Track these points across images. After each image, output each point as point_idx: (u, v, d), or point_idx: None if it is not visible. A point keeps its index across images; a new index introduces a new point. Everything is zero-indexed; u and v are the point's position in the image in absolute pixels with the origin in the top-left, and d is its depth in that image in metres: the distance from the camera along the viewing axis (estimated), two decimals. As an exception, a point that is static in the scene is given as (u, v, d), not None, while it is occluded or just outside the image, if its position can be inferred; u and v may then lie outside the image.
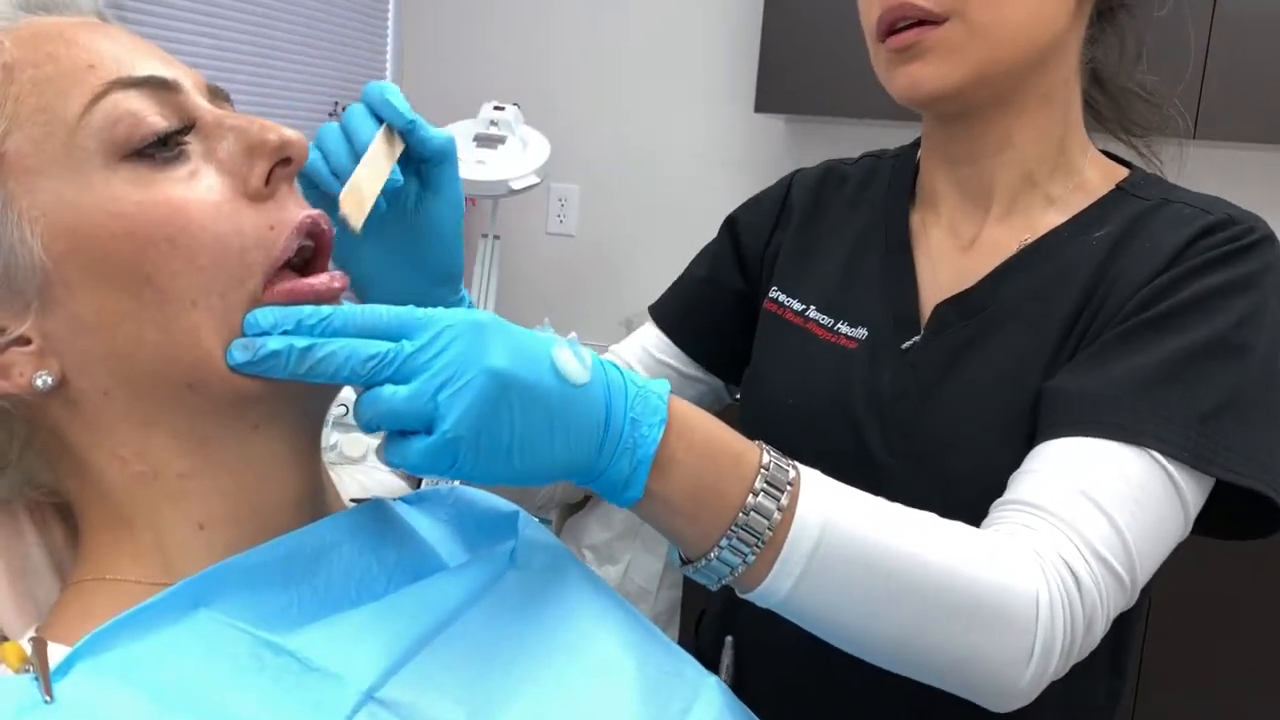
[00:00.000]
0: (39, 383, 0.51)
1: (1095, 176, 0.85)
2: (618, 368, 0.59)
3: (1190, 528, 0.73)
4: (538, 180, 2.32)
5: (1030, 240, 0.83)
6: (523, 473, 0.54)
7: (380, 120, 0.63)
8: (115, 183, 0.51)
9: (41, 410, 0.53)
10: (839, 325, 0.88)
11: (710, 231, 1.08)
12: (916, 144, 0.95)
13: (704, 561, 0.60)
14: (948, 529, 0.66)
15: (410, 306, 0.53)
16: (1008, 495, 0.71)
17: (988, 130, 0.83)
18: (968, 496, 0.73)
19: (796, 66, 2.54)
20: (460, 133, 2.43)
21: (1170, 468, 0.69)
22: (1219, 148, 2.55)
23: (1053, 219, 0.83)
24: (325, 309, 0.52)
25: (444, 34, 3.09)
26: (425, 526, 0.63)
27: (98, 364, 0.52)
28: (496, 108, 2.49)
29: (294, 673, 0.48)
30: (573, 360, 0.55)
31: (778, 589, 0.61)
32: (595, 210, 3.01)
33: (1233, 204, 0.80)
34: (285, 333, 0.51)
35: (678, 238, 1.17)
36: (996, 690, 0.66)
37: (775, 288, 0.95)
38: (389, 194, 0.63)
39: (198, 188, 0.53)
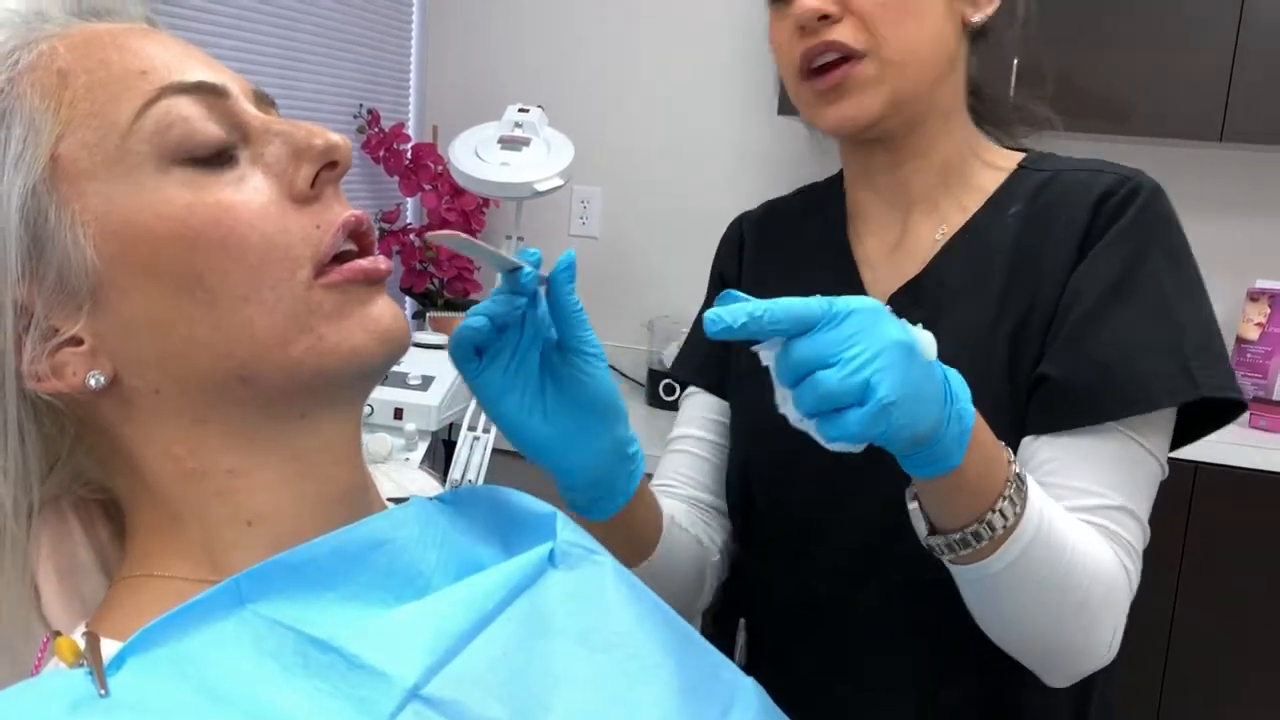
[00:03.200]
0: (92, 382, 0.52)
1: (996, 162, 0.96)
2: None
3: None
4: (562, 182, 2.32)
5: (951, 231, 0.94)
6: (913, 434, 0.64)
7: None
8: (166, 186, 0.52)
9: (93, 409, 0.54)
10: None
11: (728, 235, 1.11)
12: (840, 173, 1.05)
13: (968, 530, 0.72)
14: (1081, 525, 0.79)
15: (817, 297, 0.62)
16: (1068, 502, 0.81)
17: (901, 145, 0.93)
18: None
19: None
20: (484, 135, 2.43)
21: (1147, 442, 0.83)
22: (1245, 150, 2.54)
23: (968, 208, 0.94)
24: (759, 307, 0.60)
25: (468, 37, 3.10)
26: (463, 526, 0.63)
27: (150, 363, 0.53)
28: (521, 110, 2.50)
29: (340, 670, 0.49)
30: (929, 341, 0.64)
31: (996, 563, 0.73)
32: (618, 212, 3.02)
33: (1111, 162, 0.91)
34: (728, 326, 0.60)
35: (699, 240, 1.19)
36: (1076, 670, 0.82)
37: None
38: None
39: (246, 190, 0.54)
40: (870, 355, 0.60)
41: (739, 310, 0.61)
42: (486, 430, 2.59)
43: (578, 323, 0.68)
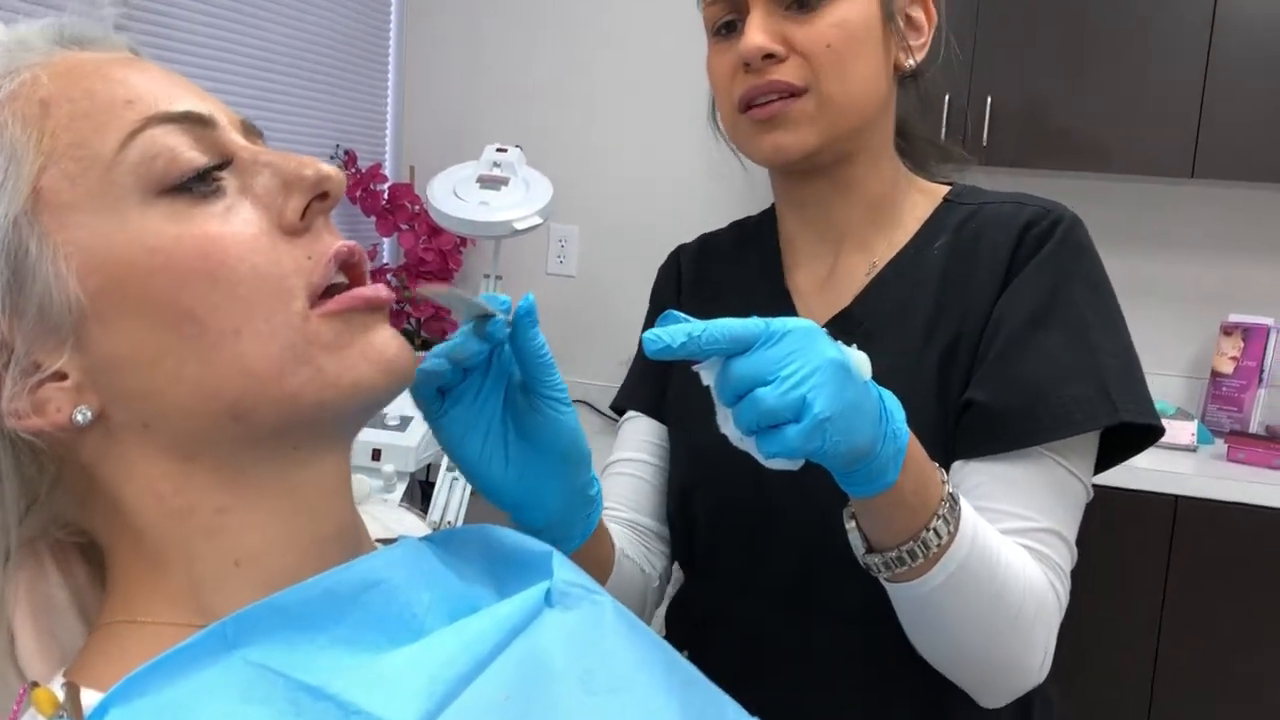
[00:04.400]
0: (79, 417, 0.50)
1: (924, 198, 0.99)
2: None
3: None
4: (541, 221, 2.32)
5: (881, 263, 0.96)
6: (849, 451, 0.65)
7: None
8: (152, 218, 0.51)
9: (74, 446, 0.52)
10: None
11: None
12: (773, 207, 1.07)
13: (904, 547, 0.74)
14: (1012, 545, 0.81)
15: (754, 318, 0.63)
16: (998, 525, 0.83)
17: (832, 180, 0.95)
18: None
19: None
20: (463, 174, 2.43)
21: (1072, 465, 0.85)
22: (1217, 186, 2.57)
23: (897, 240, 0.96)
24: (696, 328, 0.61)
25: (444, 78, 3.10)
26: (456, 566, 0.61)
27: (137, 398, 0.51)
28: (499, 149, 2.50)
29: (334, 717, 0.47)
30: (862, 358, 0.66)
31: (932, 580, 0.75)
32: (595, 251, 3.01)
33: (1032, 195, 0.94)
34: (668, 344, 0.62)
35: None
36: (1010, 688, 0.83)
37: None
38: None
39: (234, 221, 0.52)
40: (806, 372, 0.62)
41: (678, 331, 0.62)
42: (465, 471, 2.57)
43: (543, 367, 0.67)
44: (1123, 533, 2.13)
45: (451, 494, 2.49)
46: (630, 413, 1.09)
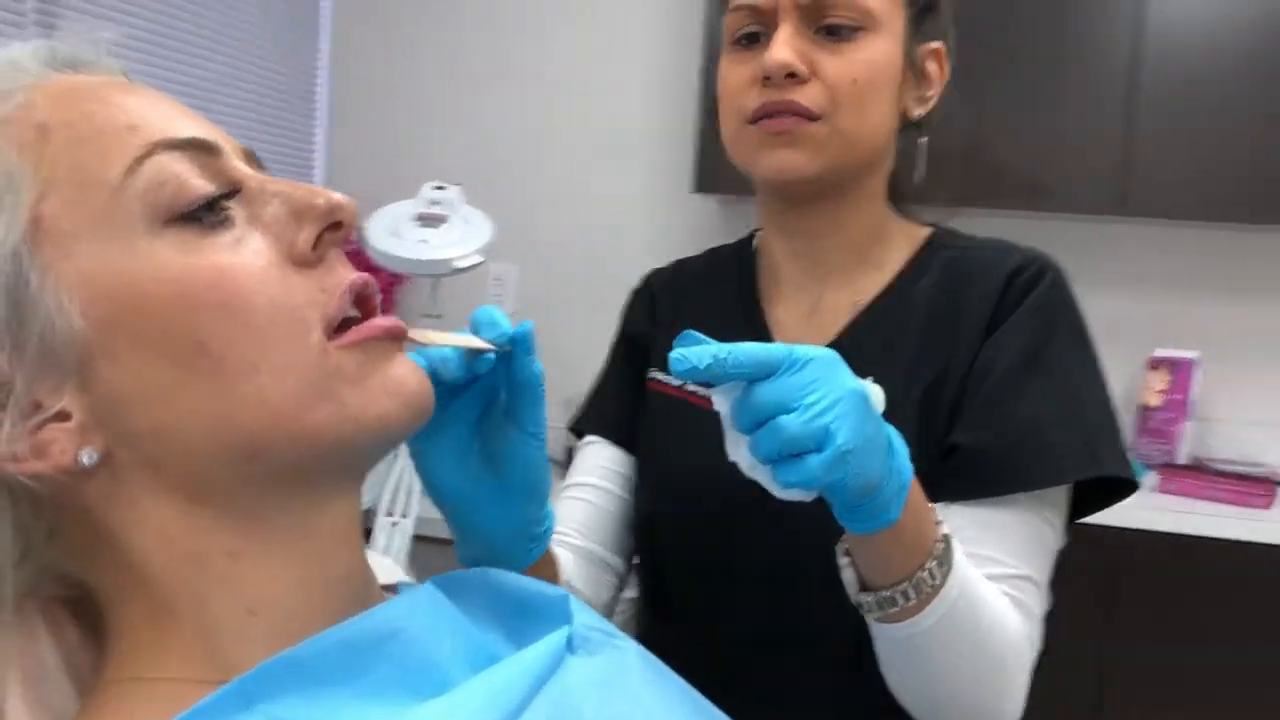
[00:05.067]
0: (84, 459, 0.47)
1: (905, 239, 0.99)
2: None
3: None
4: (482, 259, 2.30)
5: (865, 301, 0.96)
6: (863, 485, 0.64)
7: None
8: (160, 248, 0.48)
9: (76, 490, 0.48)
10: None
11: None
12: (750, 237, 1.08)
13: (898, 587, 0.72)
14: (995, 590, 0.80)
15: (777, 343, 0.62)
16: (979, 570, 0.81)
17: (824, 213, 0.95)
18: None
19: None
20: (401, 212, 2.39)
21: (1049, 512, 0.86)
22: (1144, 224, 2.65)
23: (881, 280, 0.96)
24: (722, 349, 0.60)
25: (377, 115, 3.07)
26: (468, 613, 0.59)
27: (146, 437, 0.48)
28: (437, 187, 2.47)
29: None
30: (877, 391, 0.66)
31: (922, 621, 0.73)
32: (534, 290, 2.99)
33: (1014, 243, 0.96)
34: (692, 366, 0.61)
35: (615, 318, 1.17)
36: None
37: (652, 369, 1.03)
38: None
39: (244, 252, 0.50)
40: (830, 402, 0.61)
41: (704, 352, 0.61)
42: (405, 515, 2.51)
43: (534, 400, 0.65)
44: (1062, 565, 2.16)
45: (391, 540, 2.43)
46: (591, 437, 1.06)
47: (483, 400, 0.66)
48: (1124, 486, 0.89)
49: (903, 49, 0.91)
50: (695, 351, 0.61)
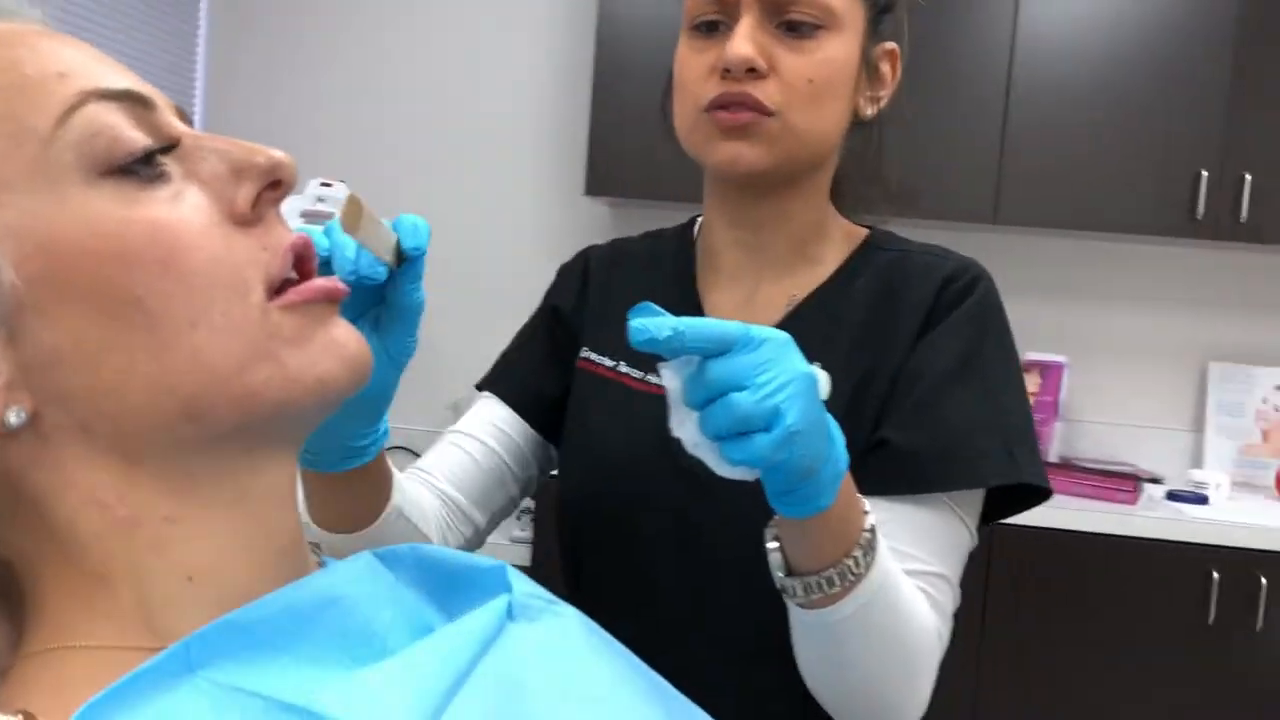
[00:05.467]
0: (12, 418, 0.44)
1: (844, 238, 1.01)
2: None
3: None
4: (370, 258, 2.25)
5: (801, 295, 0.97)
6: (806, 468, 0.65)
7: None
8: (96, 200, 0.46)
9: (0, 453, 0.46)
10: (649, 375, 0.96)
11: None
12: (690, 223, 1.08)
13: (823, 574, 0.74)
14: (912, 584, 0.82)
15: (734, 321, 0.63)
16: (899, 565, 0.83)
17: (770, 206, 0.96)
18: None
19: (624, 151, 2.60)
20: (286, 209, 2.33)
21: (965, 514, 0.87)
22: (1016, 233, 2.76)
23: (818, 275, 0.97)
24: (681, 323, 0.60)
25: (260, 111, 2.99)
26: (405, 583, 0.58)
27: (78, 397, 0.46)
28: (324, 184, 2.42)
29: None
30: (824, 376, 0.66)
31: (843, 609, 0.75)
32: (420, 292, 2.96)
33: (950, 250, 0.98)
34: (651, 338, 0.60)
35: (505, 320, 1.17)
36: None
37: (585, 348, 1.03)
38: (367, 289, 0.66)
39: (183, 207, 0.48)
40: (782, 383, 0.62)
41: (664, 323, 0.61)
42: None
43: (409, 326, 0.69)
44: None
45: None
46: (488, 394, 1.06)
47: (358, 308, 0.67)
48: (1035, 494, 0.91)
49: (860, 48, 0.92)
50: (656, 323, 0.60)
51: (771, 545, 0.78)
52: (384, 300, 0.69)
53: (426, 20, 2.98)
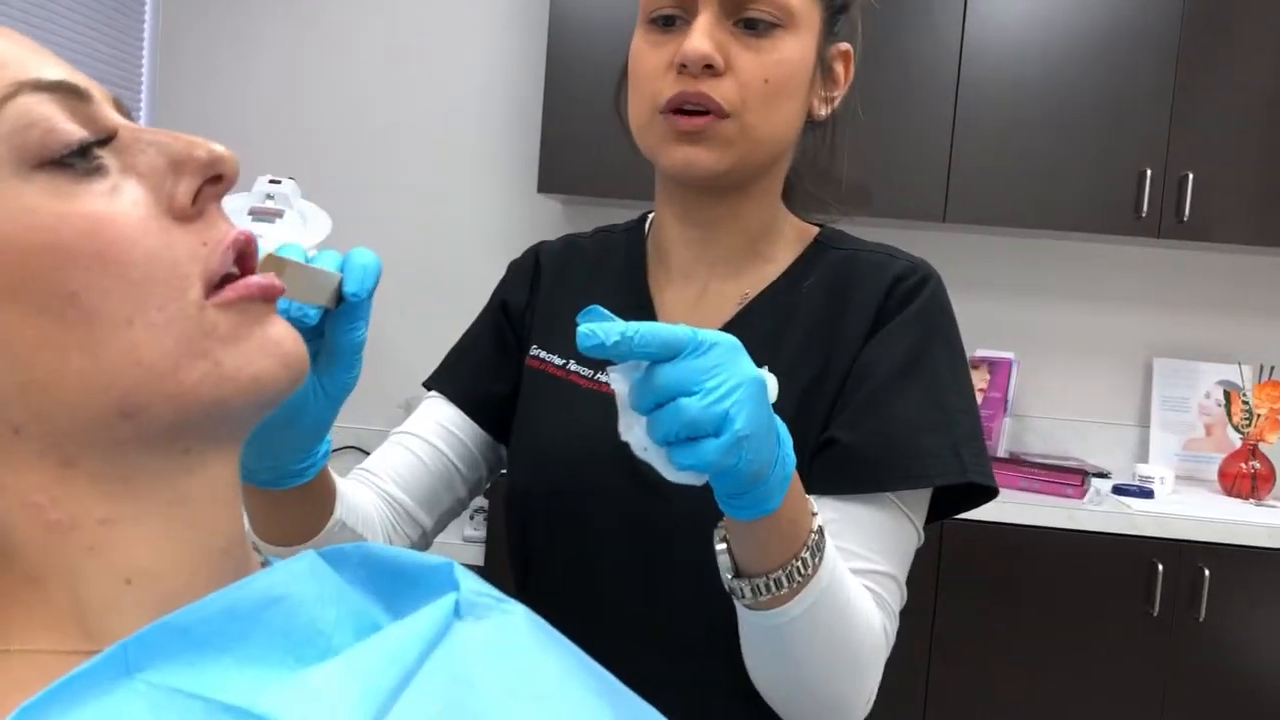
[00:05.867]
0: None
1: (795, 236, 1.01)
2: None
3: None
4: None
5: (752, 293, 0.96)
6: (754, 472, 0.65)
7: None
8: (30, 193, 0.45)
9: None
10: (599, 375, 0.96)
11: (486, 312, 1.12)
12: (641, 219, 1.08)
13: (772, 575, 0.74)
14: (859, 584, 0.83)
15: (681, 325, 0.63)
16: (846, 564, 0.83)
17: (722, 205, 0.95)
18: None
19: (576, 149, 2.59)
20: (233, 206, 2.30)
21: (912, 513, 0.88)
22: (965, 231, 2.79)
23: (769, 273, 0.98)
24: (629, 328, 0.60)
25: (208, 103, 2.95)
26: (350, 582, 0.57)
27: (9, 396, 0.44)
28: (272, 180, 2.39)
29: None
30: (773, 380, 0.66)
31: (790, 611, 0.75)
32: (372, 290, 2.93)
33: (899, 249, 0.99)
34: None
35: (458, 318, 1.16)
36: None
37: (535, 346, 1.02)
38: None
39: (121, 201, 0.47)
40: (730, 387, 0.62)
41: (612, 329, 0.60)
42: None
43: (348, 365, 0.69)
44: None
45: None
46: (435, 394, 1.05)
47: None
48: (982, 493, 0.92)
49: (816, 48, 0.92)
50: (604, 328, 0.60)
51: (720, 547, 0.77)
52: (322, 335, 0.68)
53: (379, 16, 2.96)
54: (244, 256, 0.52)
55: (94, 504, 0.47)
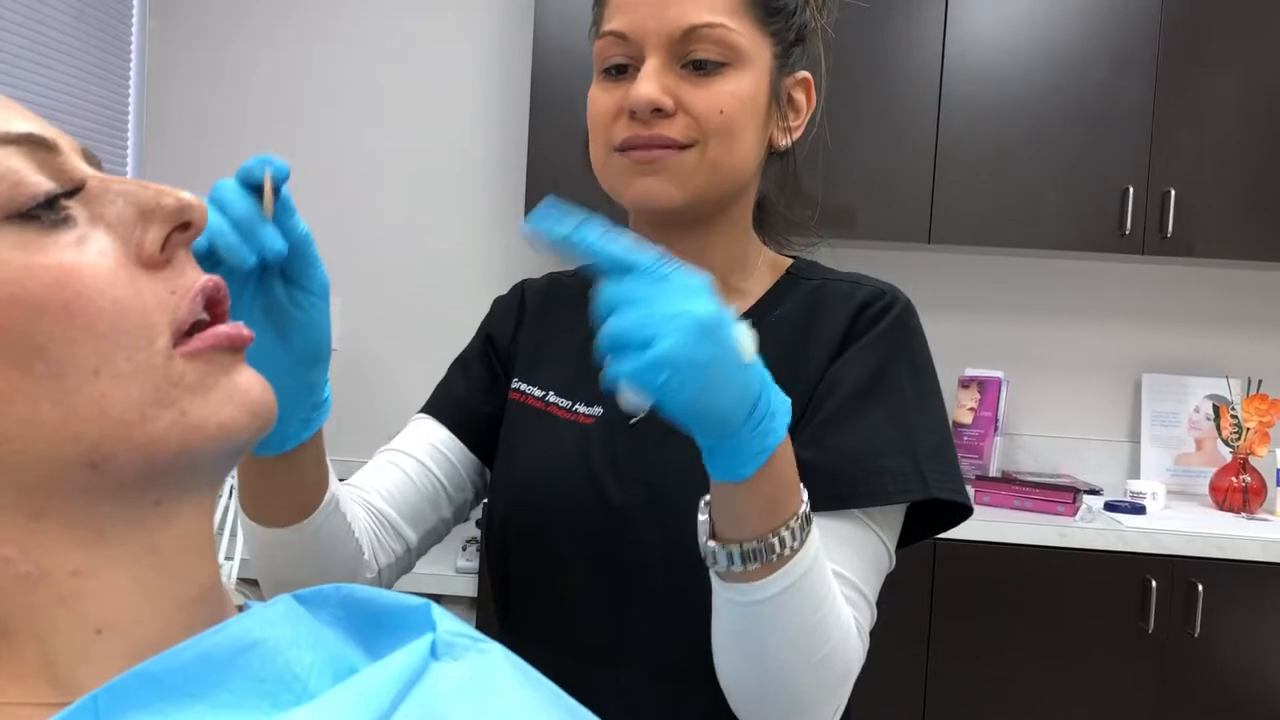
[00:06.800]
0: None
1: (767, 268, 1.02)
2: (767, 370, 0.70)
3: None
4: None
5: None
6: (695, 410, 0.66)
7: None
8: None
9: None
10: (576, 406, 0.99)
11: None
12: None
13: (749, 544, 0.73)
14: (848, 610, 0.82)
15: (652, 252, 0.64)
16: None
17: (690, 240, 0.96)
18: (687, 518, 0.85)
19: (562, 177, 2.59)
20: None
21: (881, 532, 0.88)
22: (950, 251, 2.80)
23: (741, 307, 0.98)
24: (579, 232, 0.61)
25: (196, 137, 2.96)
26: (328, 624, 0.57)
27: None
28: (260, 216, 2.38)
29: None
30: (747, 340, 0.66)
31: (768, 588, 0.74)
32: (359, 324, 2.93)
33: (869, 276, 0.99)
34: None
35: (445, 350, 1.17)
36: None
37: (517, 379, 1.04)
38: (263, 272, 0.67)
39: (89, 252, 0.47)
40: (669, 315, 0.63)
41: (562, 226, 0.62)
42: (229, 558, 2.40)
43: (310, 259, 0.69)
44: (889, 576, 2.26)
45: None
46: (422, 415, 1.05)
47: (255, 272, 0.68)
48: (957, 512, 0.92)
49: (769, 82, 0.93)
50: (558, 220, 0.62)
51: (702, 518, 0.78)
52: (282, 270, 0.70)
53: (364, 47, 2.97)
54: (214, 303, 0.52)
55: (65, 555, 0.47)
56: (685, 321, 0.63)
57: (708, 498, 0.77)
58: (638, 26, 0.89)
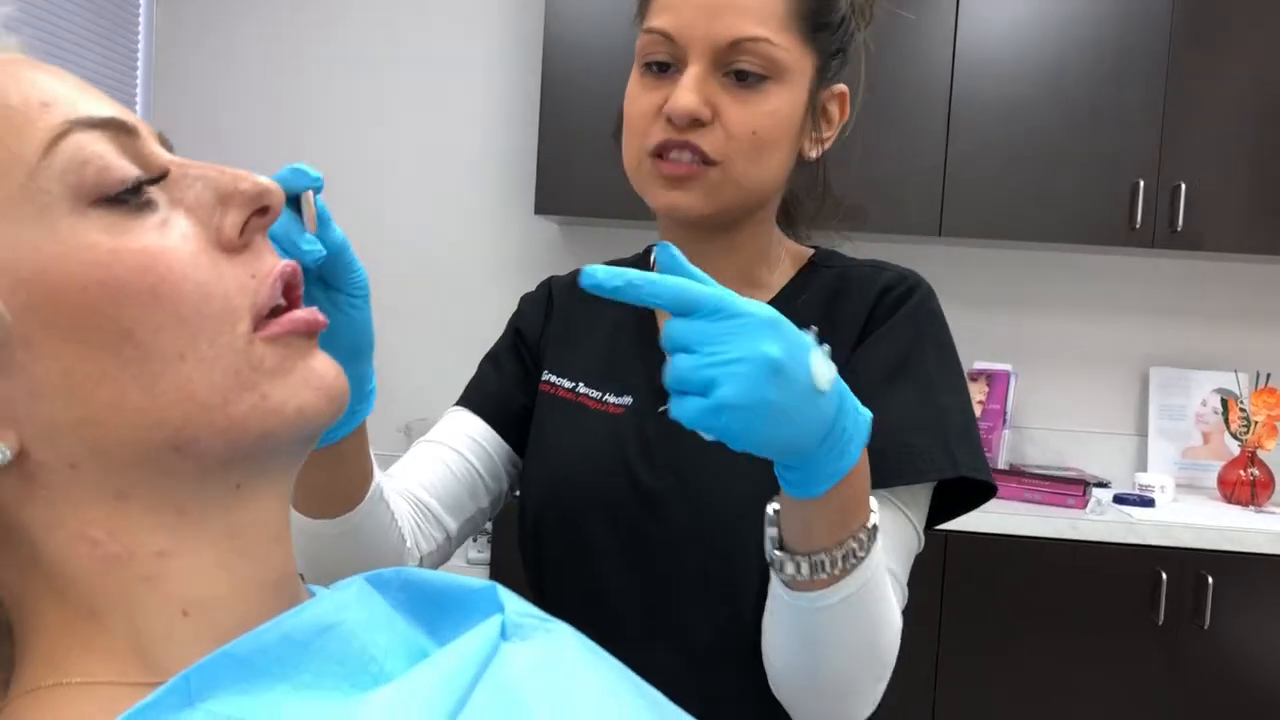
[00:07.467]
0: None
1: (790, 258, 1.04)
2: (848, 389, 0.69)
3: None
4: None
5: None
6: (762, 444, 0.65)
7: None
8: (85, 230, 0.45)
9: None
10: (606, 396, 1.01)
11: (487, 332, 1.15)
12: (646, 251, 1.11)
13: (817, 557, 0.74)
14: (895, 603, 0.84)
15: (716, 287, 0.64)
16: None
17: (716, 240, 0.98)
18: (718, 501, 0.91)
19: (572, 171, 2.61)
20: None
21: (910, 513, 0.89)
22: (960, 244, 2.81)
23: (765, 297, 1.00)
24: (640, 277, 0.61)
25: (206, 136, 2.96)
26: (396, 607, 0.58)
27: (66, 432, 0.45)
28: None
29: None
30: (823, 367, 0.66)
31: (834, 594, 0.75)
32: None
33: (889, 263, 1.01)
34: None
35: (455, 340, 1.18)
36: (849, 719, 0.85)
37: (547, 371, 1.06)
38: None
39: (172, 236, 0.48)
40: (730, 359, 0.62)
41: (618, 274, 0.62)
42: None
43: (348, 263, 0.70)
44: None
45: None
46: (459, 408, 1.07)
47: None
48: (981, 492, 0.92)
49: (808, 96, 0.93)
50: (613, 271, 0.62)
51: (771, 515, 0.78)
52: (319, 274, 0.71)
53: (376, 43, 2.98)
54: (289, 288, 0.52)
55: (150, 536, 0.47)
56: (745, 367, 0.62)
57: (775, 506, 0.77)
58: (685, 30, 0.89)
